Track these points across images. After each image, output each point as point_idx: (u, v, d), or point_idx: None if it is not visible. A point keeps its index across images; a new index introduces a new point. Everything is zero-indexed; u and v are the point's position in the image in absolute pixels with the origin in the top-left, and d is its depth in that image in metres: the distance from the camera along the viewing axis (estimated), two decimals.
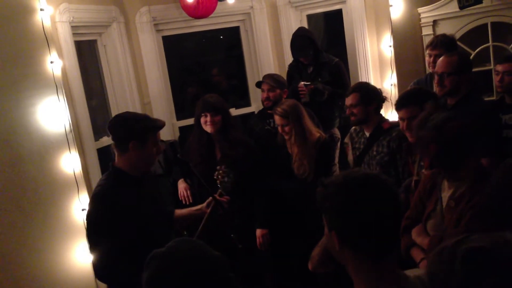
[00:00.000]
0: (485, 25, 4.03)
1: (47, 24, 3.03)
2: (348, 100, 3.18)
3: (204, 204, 2.73)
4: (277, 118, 3.34)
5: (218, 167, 2.84)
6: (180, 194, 3.42)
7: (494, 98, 3.89)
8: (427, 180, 2.33)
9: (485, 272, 0.91)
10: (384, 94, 3.29)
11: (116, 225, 2.21)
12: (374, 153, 3.10)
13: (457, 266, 0.93)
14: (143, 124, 2.35)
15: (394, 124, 3.09)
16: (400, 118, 2.80)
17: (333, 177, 1.36)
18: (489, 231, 1.28)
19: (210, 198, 2.70)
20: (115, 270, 2.26)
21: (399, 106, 2.78)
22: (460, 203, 2.06)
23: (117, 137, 2.39)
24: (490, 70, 3.94)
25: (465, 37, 4.09)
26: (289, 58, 4.52)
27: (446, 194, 2.17)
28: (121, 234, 2.20)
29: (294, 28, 4.52)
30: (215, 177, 2.81)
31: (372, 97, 3.17)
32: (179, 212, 2.78)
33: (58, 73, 3.05)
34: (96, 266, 2.29)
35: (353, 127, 3.42)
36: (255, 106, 4.81)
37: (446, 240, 1.01)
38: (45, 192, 2.99)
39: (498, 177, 1.42)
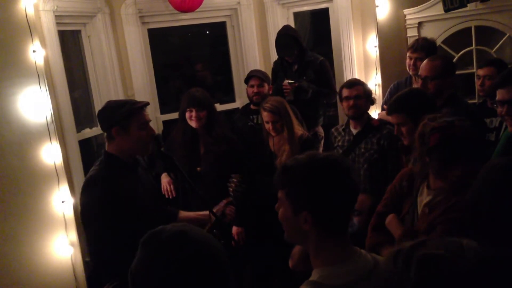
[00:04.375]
0: (469, 28, 4.08)
1: (30, 12, 2.98)
2: (353, 92, 3.17)
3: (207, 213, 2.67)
4: (266, 114, 3.30)
5: (233, 175, 2.81)
6: (163, 188, 3.40)
7: (475, 101, 3.94)
8: (405, 176, 2.34)
9: (438, 280, 0.91)
10: None
11: (114, 211, 2.14)
12: (362, 150, 3.11)
13: (411, 271, 0.93)
14: (123, 109, 2.31)
15: (383, 121, 3.11)
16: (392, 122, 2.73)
17: (295, 160, 1.44)
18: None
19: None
20: (114, 257, 2.15)
21: (390, 110, 2.69)
22: (433, 211, 2.07)
23: (101, 126, 2.38)
24: (473, 73, 3.99)
25: (449, 40, 4.14)
26: (274, 55, 4.52)
27: (422, 199, 2.18)
28: (119, 220, 2.13)
29: (280, 25, 4.51)
30: (228, 185, 2.78)
31: (370, 93, 3.26)
32: (185, 214, 2.72)
33: (40, 62, 3.00)
34: (94, 253, 2.23)
35: (335, 127, 3.44)
36: (240, 102, 4.80)
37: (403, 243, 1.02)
38: (24, 183, 2.94)
39: (478, 181, 1.43)
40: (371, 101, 3.26)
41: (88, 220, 2.25)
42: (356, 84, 3.20)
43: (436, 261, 0.91)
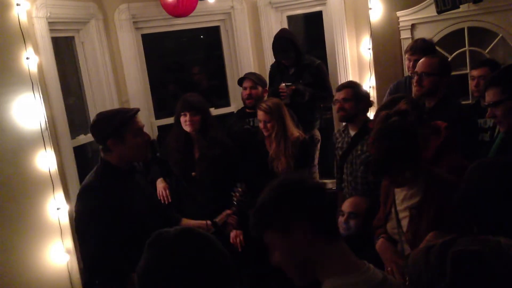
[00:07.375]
0: (462, 29, 4.10)
1: (24, 19, 2.97)
2: (340, 95, 3.17)
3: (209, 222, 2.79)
4: (260, 113, 3.34)
5: (238, 184, 2.84)
6: (159, 193, 3.39)
7: (469, 102, 3.95)
8: (385, 184, 2.38)
9: (476, 278, 0.87)
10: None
11: (108, 220, 2.15)
12: (359, 152, 3.12)
13: (446, 269, 0.89)
14: (115, 120, 2.29)
15: None
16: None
17: (260, 200, 1.46)
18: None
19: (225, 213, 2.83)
20: (108, 265, 2.19)
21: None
22: (422, 211, 2.09)
23: (96, 140, 2.37)
24: (466, 74, 4.01)
25: (442, 42, 4.15)
26: (269, 59, 4.52)
27: (398, 196, 2.22)
28: (113, 229, 2.15)
29: (274, 29, 4.52)
30: (232, 194, 2.82)
31: (363, 95, 3.24)
32: (186, 221, 2.75)
33: (34, 69, 2.99)
34: (88, 261, 2.22)
35: (338, 129, 3.44)
36: (235, 106, 4.80)
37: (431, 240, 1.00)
38: (19, 191, 2.93)
39: (466, 180, 1.43)
40: (368, 104, 3.26)
41: (82, 228, 2.25)
42: (345, 87, 3.21)
43: (473, 258, 0.88)
